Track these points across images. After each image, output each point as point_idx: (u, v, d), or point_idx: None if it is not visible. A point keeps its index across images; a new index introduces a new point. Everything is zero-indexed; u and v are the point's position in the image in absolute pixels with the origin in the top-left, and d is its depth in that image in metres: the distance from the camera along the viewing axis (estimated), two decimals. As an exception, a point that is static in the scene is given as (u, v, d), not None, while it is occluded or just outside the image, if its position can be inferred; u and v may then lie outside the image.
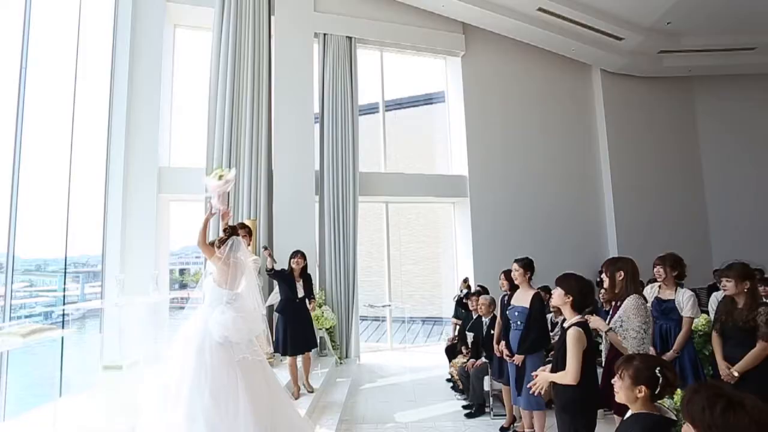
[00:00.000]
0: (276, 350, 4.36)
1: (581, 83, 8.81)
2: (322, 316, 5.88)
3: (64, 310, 4.44)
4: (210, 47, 6.46)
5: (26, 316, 4.99)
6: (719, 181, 9.15)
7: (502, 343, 3.70)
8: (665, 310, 3.41)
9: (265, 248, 4.81)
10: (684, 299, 3.38)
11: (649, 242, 7.81)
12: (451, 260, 8.12)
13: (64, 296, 4.64)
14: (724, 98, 9.33)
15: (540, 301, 3.56)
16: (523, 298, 3.61)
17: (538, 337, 3.42)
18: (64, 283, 4.64)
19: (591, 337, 2.35)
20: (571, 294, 2.37)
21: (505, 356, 3.63)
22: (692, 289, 5.65)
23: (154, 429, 2.34)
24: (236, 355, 2.41)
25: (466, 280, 5.76)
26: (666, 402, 2.27)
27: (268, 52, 6.66)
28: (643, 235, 8.23)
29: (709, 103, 9.37)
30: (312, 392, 4.39)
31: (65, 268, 4.63)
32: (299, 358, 4.45)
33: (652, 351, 3.44)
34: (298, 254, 4.65)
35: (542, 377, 2.44)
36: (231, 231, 2.84)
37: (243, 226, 4.50)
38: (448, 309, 6.99)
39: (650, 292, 3.68)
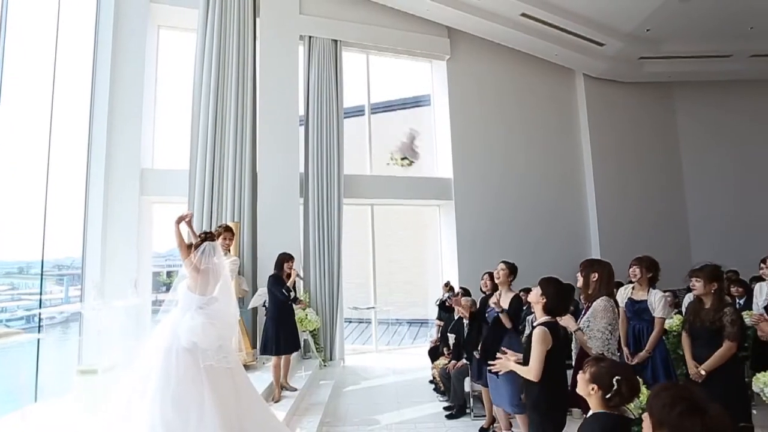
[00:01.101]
0: (265, 351, 4.35)
1: (565, 87, 8.95)
2: (306, 318, 5.88)
3: (40, 313, 4.38)
4: (194, 48, 6.43)
5: (7, 320, 4.91)
6: (698, 185, 9.35)
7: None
8: (638, 310, 3.49)
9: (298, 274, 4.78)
10: (656, 300, 3.47)
11: (630, 244, 7.94)
12: (436, 262, 8.17)
13: (40, 300, 4.58)
14: (704, 104, 9.56)
15: (518, 302, 3.62)
16: (502, 300, 3.66)
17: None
18: (41, 287, 4.57)
19: (558, 338, 2.40)
20: (545, 296, 2.42)
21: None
22: (672, 290, 5.82)
23: None
24: (204, 362, 2.40)
25: (447, 284, 5.81)
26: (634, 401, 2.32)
27: (253, 54, 6.65)
28: (625, 237, 8.37)
29: (689, 109, 9.58)
30: (294, 390, 4.40)
31: (42, 271, 4.57)
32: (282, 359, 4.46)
33: (625, 352, 3.53)
34: (292, 259, 4.68)
35: (504, 362, 2.48)
36: (205, 236, 2.84)
37: (227, 228, 4.49)
38: (434, 311, 7.03)
39: (624, 293, 3.76)
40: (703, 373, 2.84)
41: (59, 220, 5.55)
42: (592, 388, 1.82)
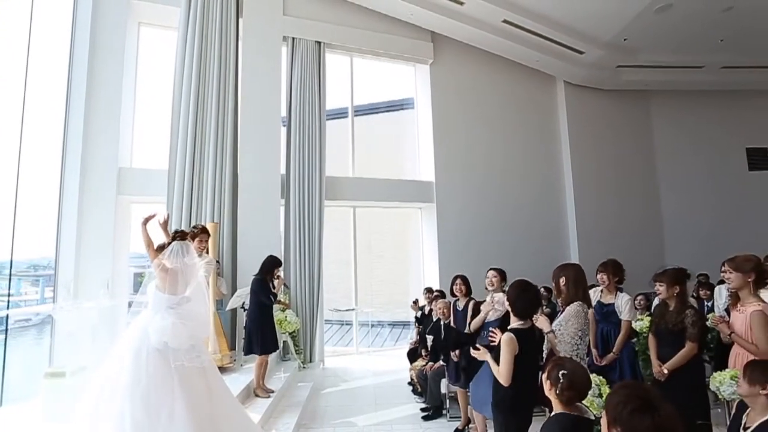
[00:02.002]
0: (250, 351, 4.38)
1: (545, 93, 9.13)
2: (286, 320, 5.85)
3: (8, 315, 4.27)
4: (175, 46, 6.37)
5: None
6: (673, 191, 9.64)
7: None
8: (606, 313, 3.59)
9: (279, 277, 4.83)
10: (623, 303, 3.58)
11: (608, 248, 8.08)
12: (418, 265, 8.23)
13: (8, 300, 4.47)
14: (679, 112, 9.86)
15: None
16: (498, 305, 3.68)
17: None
18: (9, 287, 4.46)
19: (530, 342, 2.46)
20: (509, 300, 2.49)
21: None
22: (644, 293, 5.97)
23: None
24: (174, 362, 2.38)
25: (429, 290, 5.89)
26: (595, 401, 2.40)
27: (235, 54, 6.61)
28: (603, 241, 8.54)
29: (665, 117, 9.87)
30: (270, 393, 4.38)
31: (10, 271, 4.45)
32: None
33: (594, 353, 3.62)
34: (281, 264, 4.79)
35: (484, 353, 2.55)
36: (175, 235, 2.81)
37: (203, 229, 4.45)
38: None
39: (593, 296, 3.86)
40: (665, 371, 2.94)
41: (33, 220, 5.43)
42: (550, 387, 1.88)
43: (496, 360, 2.40)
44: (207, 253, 4.94)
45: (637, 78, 9.00)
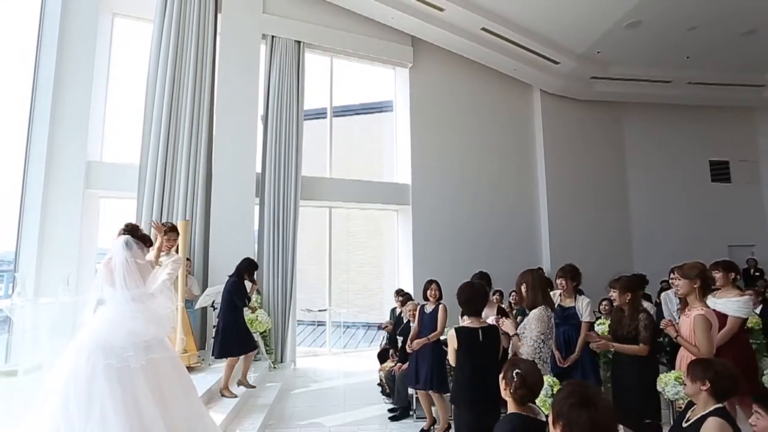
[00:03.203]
0: (229, 355, 4.34)
1: (522, 101, 9.34)
2: (256, 319, 5.80)
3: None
4: (150, 39, 6.25)
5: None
6: (642, 200, 10.00)
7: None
8: (567, 316, 3.71)
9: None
10: (582, 306, 3.70)
11: (580, 253, 8.34)
12: (393, 266, 8.28)
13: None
14: (649, 124, 10.25)
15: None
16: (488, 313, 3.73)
17: None
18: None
19: (467, 339, 2.56)
20: (458, 300, 2.59)
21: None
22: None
23: None
24: (120, 361, 2.33)
25: (399, 293, 5.94)
26: (548, 402, 2.48)
27: (213, 50, 6.54)
28: (575, 247, 8.77)
29: (636, 128, 10.24)
30: (235, 397, 4.34)
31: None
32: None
33: (557, 355, 3.72)
34: (257, 267, 4.77)
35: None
36: (124, 230, 2.76)
37: (171, 228, 4.37)
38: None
39: (554, 300, 3.98)
40: (612, 347, 3.08)
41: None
42: (504, 387, 1.95)
43: None
44: (177, 251, 4.87)
45: (609, 90, 9.31)
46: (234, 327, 4.37)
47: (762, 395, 1.83)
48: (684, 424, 2.09)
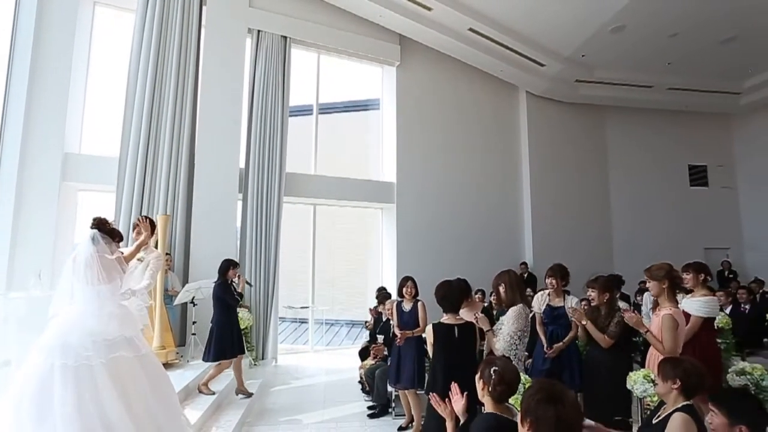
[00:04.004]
0: (223, 356, 4.40)
1: (508, 102, 9.42)
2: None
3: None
4: (132, 30, 6.13)
5: None
6: (623, 202, 10.19)
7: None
8: (556, 316, 3.75)
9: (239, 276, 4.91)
10: (572, 305, 3.76)
11: (562, 253, 8.40)
12: (377, 264, 8.29)
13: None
14: (631, 128, 10.44)
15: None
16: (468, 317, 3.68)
17: None
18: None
19: (443, 335, 2.60)
20: (436, 298, 2.63)
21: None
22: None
23: None
24: (76, 360, 2.26)
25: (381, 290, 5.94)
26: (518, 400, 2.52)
27: (197, 43, 6.44)
28: (557, 247, 8.88)
29: (618, 131, 10.42)
30: (212, 394, 4.30)
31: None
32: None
33: (546, 346, 3.76)
34: (237, 265, 4.76)
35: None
36: (92, 224, 2.69)
37: (151, 223, 4.29)
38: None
39: (541, 299, 4.02)
40: (585, 323, 3.22)
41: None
42: (483, 386, 1.96)
43: None
44: (156, 247, 4.80)
45: (593, 93, 9.45)
46: (228, 329, 4.43)
47: (717, 394, 1.89)
48: (654, 420, 2.15)
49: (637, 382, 2.65)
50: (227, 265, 4.61)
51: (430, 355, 2.57)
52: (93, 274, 2.48)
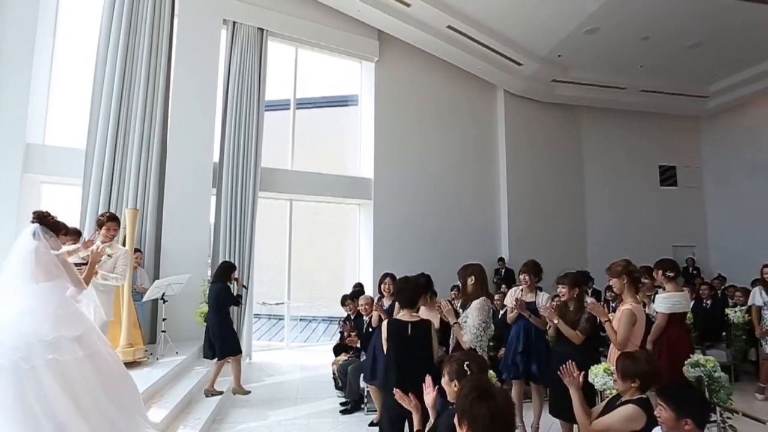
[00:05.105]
0: (227, 355, 4.61)
1: (486, 100, 9.51)
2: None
3: None
4: (100, 16, 5.90)
5: None
6: (597, 201, 10.45)
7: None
8: (528, 310, 3.81)
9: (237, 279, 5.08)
10: (543, 301, 3.83)
11: (537, 250, 8.55)
12: (354, 261, 8.27)
13: None
14: (605, 128, 10.71)
15: None
16: (430, 317, 3.35)
17: None
18: None
19: (396, 330, 2.63)
20: (394, 293, 2.66)
21: None
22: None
23: None
24: (9, 363, 2.16)
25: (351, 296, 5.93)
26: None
27: (170, 31, 6.25)
28: (533, 244, 9.02)
29: (593, 131, 10.67)
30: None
31: None
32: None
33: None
34: (236, 268, 4.97)
35: None
36: (32, 218, 2.58)
37: (111, 217, 4.16)
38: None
39: (514, 294, 4.09)
40: (557, 322, 3.26)
41: None
42: (455, 384, 1.97)
43: None
44: (124, 245, 4.67)
45: (569, 93, 9.64)
46: (227, 329, 4.63)
47: (665, 388, 1.96)
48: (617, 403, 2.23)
49: (597, 375, 2.72)
50: (230, 269, 4.77)
51: (384, 349, 2.58)
52: (28, 270, 2.38)
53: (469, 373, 1.96)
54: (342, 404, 4.61)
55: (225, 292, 4.63)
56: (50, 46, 6.05)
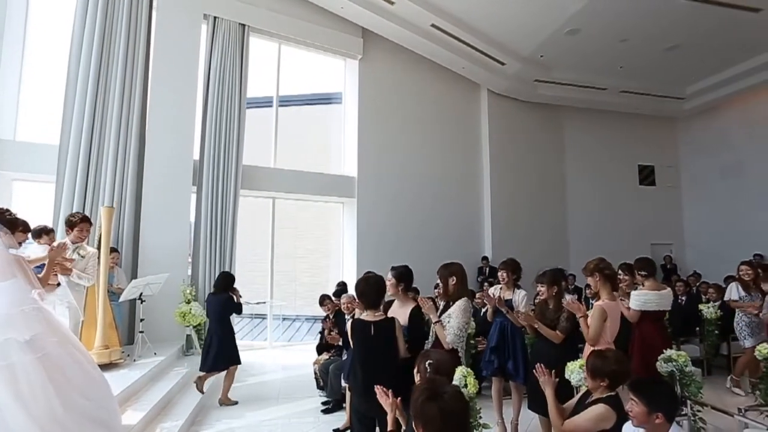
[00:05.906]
0: (231, 363, 4.63)
1: (469, 99, 9.57)
2: (190, 312, 5.57)
3: None
4: (74, 8, 5.72)
5: None
6: (578, 200, 10.62)
7: None
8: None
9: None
10: (520, 298, 3.88)
11: (520, 248, 8.68)
12: (338, 259, 8.24)
13: None
14: (586, 128, 10.88)
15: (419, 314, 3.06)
16: (400, 313, 3.10)
17: None
18: None
19: (360, 331, 2.61)
20: (356, 293, 2.74)
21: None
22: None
23: None
24: None
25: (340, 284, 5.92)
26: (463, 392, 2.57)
27: (147, 26, 6.11)
28: (515, 242, 9.13)
29: (575, 130, 10.83)
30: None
31: None
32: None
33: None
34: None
35: None
36: None
37: (83, 218, 4.05)
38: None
39: (493, 292, 4.13)
40: (536, 325, 3.30)
41: None
42: (419, 380, 1.99)
43: None
44: (99, 243, 4.55)
45: (551, 93, 9.77)
46: (229, 339, 4.62)
47: (637, 383, 2.00)
48: (586, 401, 2.26)
49: (573, 371, 2.77)
50: (232, 280, 4.75)
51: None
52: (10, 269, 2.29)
53: (428, 370, 1.98)
54: (323, 404, 4.58)
55: (229, 302, 4.65)
56: (21, 37, 5.85)
